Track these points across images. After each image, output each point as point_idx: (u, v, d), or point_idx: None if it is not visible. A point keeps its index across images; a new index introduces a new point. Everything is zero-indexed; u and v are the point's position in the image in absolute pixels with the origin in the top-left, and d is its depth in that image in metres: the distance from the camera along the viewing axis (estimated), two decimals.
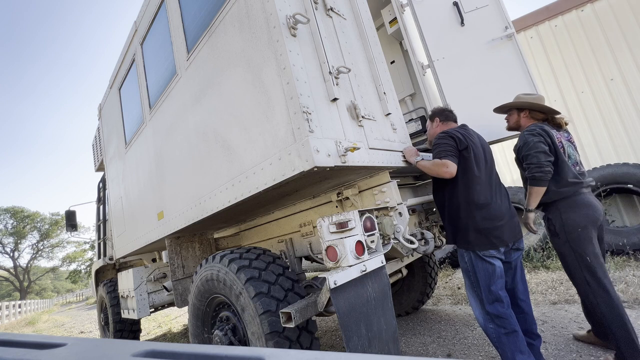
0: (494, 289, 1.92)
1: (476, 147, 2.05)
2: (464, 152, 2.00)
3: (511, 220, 2.01)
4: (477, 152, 2.04)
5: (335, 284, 1.43)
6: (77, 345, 0.50)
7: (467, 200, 1.98)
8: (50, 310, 23.29)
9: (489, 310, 1.92)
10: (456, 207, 2.02)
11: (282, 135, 1.56)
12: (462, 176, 1.99)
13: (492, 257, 1.94)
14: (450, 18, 2.84)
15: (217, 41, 1.99)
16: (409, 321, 3.52)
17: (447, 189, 2.06)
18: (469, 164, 1.99)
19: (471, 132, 2.14)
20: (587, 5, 5.31)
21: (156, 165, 2.89)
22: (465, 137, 2.04)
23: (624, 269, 3.72)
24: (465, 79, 2.72)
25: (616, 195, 4.85)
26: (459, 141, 2.02)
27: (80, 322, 11.61)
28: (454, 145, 2.01)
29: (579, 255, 1.99)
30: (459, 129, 2.14)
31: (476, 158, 2.01)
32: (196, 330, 2.32)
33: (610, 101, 5.09)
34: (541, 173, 1.98)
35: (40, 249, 39.89)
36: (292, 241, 2.56)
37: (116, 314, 4.28)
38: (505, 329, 1.88)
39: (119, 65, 3.64)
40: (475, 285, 2.00)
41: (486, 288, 1.93)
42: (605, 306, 1.92)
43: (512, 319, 1.90)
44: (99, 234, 5.52)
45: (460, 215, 2.00)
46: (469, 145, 2.01)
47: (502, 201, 2.03)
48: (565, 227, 2.02)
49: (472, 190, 1.97)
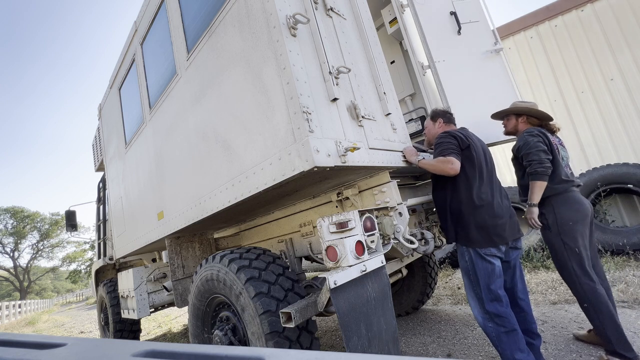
0: (493, 288, 1.93)
1: (477, 147, 2.10)
2: (466, 151, 2.06)
3: (511, 219, 2.05)
4: (478, 152, 2.09)
5: (335, 284, 1.43)
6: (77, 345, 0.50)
7: (469, 198, 2.01)
8: (50, 310, 23.29)
9: (488, 309, 1.94)
10: (458, 204, 2.04)
11: (282, 135, 1.56)
12: (464, 174, 2.03)
13: (492, 256, 1.97)
14: (449, 25, 2.98)
15: (217, 41, 1.99)
16: (409, 321, 3.52)
17: (448, 187, 2.09)
18: (471, 163, 2.04)
19: (471, 134, 2.20)
20: (587, 5, 5.31)
21: (156, 165, 2.89)
22: (466, 137, 2.10)
23: (624, 269, 3.72)
24: (463, 83, 2.85)
25: (616, 195, 4.85)
26: (461, 140, 2.07)
27: (80, 322, 11.61)
28: (456, 143, 2.06)
29: (569, 248, 2.12)
30: (460, 130, 2.19)
31: (477, 158, 2.06)
32: (196, 330, 2.32)
33: (610, 101, 5.09)
34: (543, 168, 2.10)
35: (40, 249, 39.90)
36: (292, 241, 2.56)
37: (116, 314, 4.28)
38: (505, 327, 1.89)
39: (119, 65, 3.64)
40: (474, 284, 2.02)
41: (486, 287, 1.95)
42: (592, 295, 2.03)
43: (511, 318, 1.92)
44: (99, 234, 5.52)
45: (463, 212, 2.02)
46: (471, 145, 2.07)
47: (502, 200, 2.08)
48: (558, 220, 2.16)
49: (473, 188, 2.01)
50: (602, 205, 4.77)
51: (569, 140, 5.39)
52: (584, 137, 5.29)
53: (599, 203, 4.75)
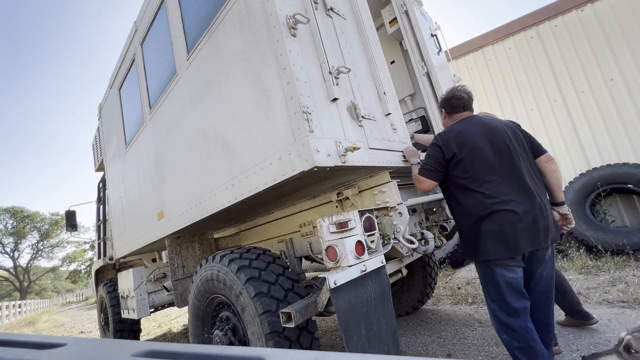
0: (508, 300, 1.73)
1: (475, 145, 1.80)
2: (454, 159, 1.82)
3: (535, 224, 1.69)
4: (480, 152, 1.78)
5: (335, 284, 1.43)
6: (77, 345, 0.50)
7: (467, 207, 1.80)
8: (50, 310, 23.29)
9: (502, 320, 1.76)
10: (459, 215, 1.88)
11: (282, 135, 1.56)
12: (456, 184, 1.84)
13: (505, 267, 1.73)
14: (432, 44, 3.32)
15: (217, 41, 1.99)
16: (409, 321, 3.52)
17: (450, 197, 1.94)
18: (464, 170, 1.80)
19: (474, 127, 1.87)
20: (587, 5, 5.31)
21: (156, 165, 2.89)
22: (459, 137, 1.84)
23: (624, 269, 3.72)
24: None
25: (616, 195, 4.85)
26: (446, 148, 1.85)
27: (80, 322, 11.61)
28: (437, 156, 1.87)
29: None
30: (459, 124, 1.94)
31: (477, 159, 1.78)
32: (196, 330, 2.32)
33: (610, 101, 5.08)
34: None
35: (40, 249, 39.92)
36: (292, 241, 2.56)
37: (116, 314, 4.28)
38: (518, 342, 1.70)
39: (119, 65, 3.64)
40: (487, 294, 1.85)
41: (499, 299, 1.76)
42: None
43: (526, 333, 1.69)
44: (99, 234, 5.52)
45: (464, 222, 1.85)
46: (464, 147, 1.81)
47: (524, 200, 1.71)
48: None
49: (470, 195, 1.79)
50: (602, 205, 4.77)
51: (569, 140, 5.39)
52: (584, 137, 5.28)
53: (599, 203, 4.75)
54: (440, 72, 3.18)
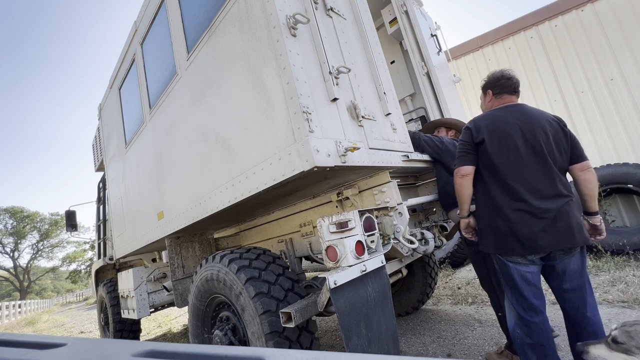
0: (526, 295, 1.70)
1: (507, 136, 1.72)
2: (481, 146, 1.78)
3: (555, 224, 1.62)
4: (509, 142, 1.71)
5: (335, 284, 1.43)
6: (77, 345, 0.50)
7: (486, 197, 1.78)
8: (50, 310, 23.29)
9: (520, 314, 1.73)
10: (478, 203, 1.86)
11: (282, 135, 1.56)
12: (481, 171, 1.82)
13: (521, 264, 1.70)
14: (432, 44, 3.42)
15: (217, 41, 1.99)
16: (409, 321, 3.52)
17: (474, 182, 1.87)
18: (489, 158, 1.76)
19: (512, 117, 1.78)
20: (587, 5, 5.31)
21: (156, 165, 2.89)
22: (492, 124, 1.78)
23: (624, 269, 3.72)
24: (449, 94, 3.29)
25: (616, 195, 4.85)
26: (476, 132, 1.80)
27: (80, 322, 11.61)
28: (467, 139, 1.84)
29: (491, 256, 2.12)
30: (497, 111, 1.85)
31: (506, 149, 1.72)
32: (196, 330, 2.32)
33: (610, 101, 5.08)
34: None
35: (40, 249, 39.91)
36: (292, 241, 2.56)
37: (116, 314, 4.28)
38: (531, 339, 1.68)
39: (119, 65, 3.64)
40: (508, 286, 1.80)
41: (517, 292, 1.73)
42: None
43: (541, 332, 1.67)
44: (99, 234, 5.53)
45: (483, 211, 1.83)
46: (494, 135, 1.75)
47: (548, 201, 1.64)
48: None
49: (491, 185, 1.76)
50: (602, 205, 4.77)
51: None
52: (584, 137, 5.28)
53: (599, 203, 4.74)
54: (440, 72, 3.18)
